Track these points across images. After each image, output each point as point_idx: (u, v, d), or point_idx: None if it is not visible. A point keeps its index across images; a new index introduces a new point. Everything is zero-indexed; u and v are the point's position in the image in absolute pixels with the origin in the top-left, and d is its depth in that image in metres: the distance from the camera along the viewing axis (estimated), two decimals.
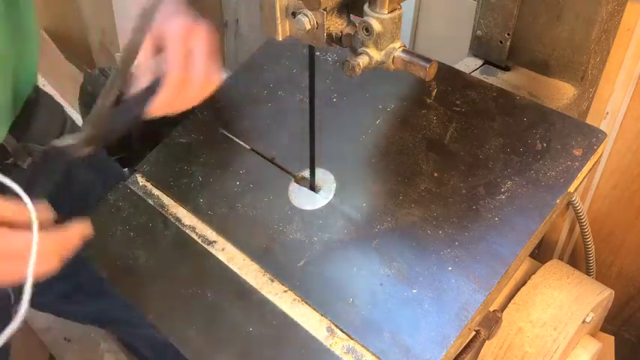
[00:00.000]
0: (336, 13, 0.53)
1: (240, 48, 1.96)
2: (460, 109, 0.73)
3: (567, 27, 0.77)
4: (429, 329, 0.57)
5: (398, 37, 0.53)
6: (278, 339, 0.61)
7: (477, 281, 0.59)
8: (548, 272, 0.76)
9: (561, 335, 0.70)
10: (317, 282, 0.63)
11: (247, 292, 0.65)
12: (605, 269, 1.14)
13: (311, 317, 0.62)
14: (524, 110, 0.70)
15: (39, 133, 0.74)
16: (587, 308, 0.72)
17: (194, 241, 0.70)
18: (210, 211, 0.72)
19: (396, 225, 0.65)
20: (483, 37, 0.86)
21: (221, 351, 0.61)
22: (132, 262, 0.70)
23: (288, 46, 0.86)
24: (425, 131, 0.72)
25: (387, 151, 0.71)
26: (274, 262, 0.66)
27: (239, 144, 0.78)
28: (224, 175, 0.75)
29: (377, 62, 0.54)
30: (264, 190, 0.72)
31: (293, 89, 0.81)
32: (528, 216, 0.62)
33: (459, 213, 0.64)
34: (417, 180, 0.68)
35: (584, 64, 0.79)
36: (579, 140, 0.66)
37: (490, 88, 0.74)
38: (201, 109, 0.83)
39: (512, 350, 0.72)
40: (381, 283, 0.61)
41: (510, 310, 0.73)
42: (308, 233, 0.67)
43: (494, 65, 0.87)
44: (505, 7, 0.81)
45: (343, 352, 0.59)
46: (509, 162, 0.67)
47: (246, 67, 0.86)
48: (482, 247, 0.61)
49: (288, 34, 0.55)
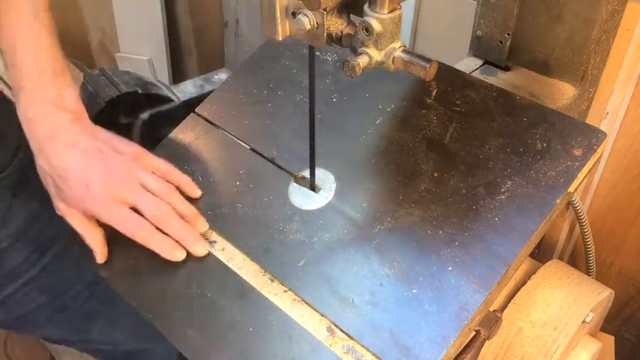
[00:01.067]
0: (336, 13, 0.53)
1: (240, 48, 1.96)
2: (460, 109, 0.73)
3: (567, 27, 0.77)
4: (429, 329, 0.57)
5: (398, 37, 0.53)
6: (278, 339, 0.61)
7: (476, 281, 0.59)
8: (548, 272, 0.76)
9: (561, 335, 0.70)
10: (317, 282, 0.63)
11: (247, 292, 0.65)
12: (605, 269, 1.14)
13: (311, 317, 0.62)
14: (524, 110, 0.70)
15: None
16: (587, 308, 0.72)
17: None
18: (210, 211, 0.72)
19: (396, 225, 0.65)
20: (483, 37, 0.86)
21: (220, 351, 0.61)
22: (132, 262, 0.70)
23: (288, 46, 0.86)
24: (425, 131, 0.72)
25: (387, 151, 0.71)
26: (274, 262, 0.66)
27: (239, 144, 0.78)
28: (224, 175, 0.75)
29: (377, 62, 0.54)
30: (264, 190, 0.72)
31: (293, 89, 0.81)
32: (528, 216, 0.62)
33: (459, 213, 0.64)
34: (417, 180, 0.68)
35: (584, 64, 0.79)
36: (579, 140, 0.66)
37: (490, 88, 0.74)
38: (201, 109, 0.83)
39: (512, 350, 0.72)
40: (381, 283, 0.61)
41: (510, 310, 0.73)
42: (308, 233, 0.67)
43: (494, 65, 0.87)
44: (505, 7, 0.81)
45: (343, 352, 0.59)
46: (509, 162, 0.67)
47: (246, 67, 0.86)
48: (482, 247, 0.61)
49: (288, 34, 0.55)
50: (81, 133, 0.67)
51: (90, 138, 0.67)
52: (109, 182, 0.66)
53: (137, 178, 0.68)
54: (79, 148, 0.66)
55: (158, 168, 0.71)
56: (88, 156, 0.66)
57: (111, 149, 0.68)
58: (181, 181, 0.72)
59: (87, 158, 0.66)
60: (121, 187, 0.66)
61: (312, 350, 0.59)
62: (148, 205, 0.67)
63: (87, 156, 0.66)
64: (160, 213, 0.67)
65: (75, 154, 0.66)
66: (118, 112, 1.02)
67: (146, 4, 1.98)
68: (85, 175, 0.65)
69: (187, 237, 0.68)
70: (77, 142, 0.66)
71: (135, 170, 0.68)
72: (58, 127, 0.66)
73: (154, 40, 2.06)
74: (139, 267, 0.69)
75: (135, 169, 0.68)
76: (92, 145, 0.67)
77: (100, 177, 0.65)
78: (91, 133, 0.68)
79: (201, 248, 0.68)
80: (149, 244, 0.67)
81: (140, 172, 0.68)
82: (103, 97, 1.00)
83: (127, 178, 0.67)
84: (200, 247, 0.68)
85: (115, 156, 0.68)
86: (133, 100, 1.02)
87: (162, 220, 0.67)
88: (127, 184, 0.67)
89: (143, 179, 0.68)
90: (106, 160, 0.67)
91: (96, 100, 1.01)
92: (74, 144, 0.66)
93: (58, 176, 0.65)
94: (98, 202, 0.65)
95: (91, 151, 0.66)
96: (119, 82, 1.03)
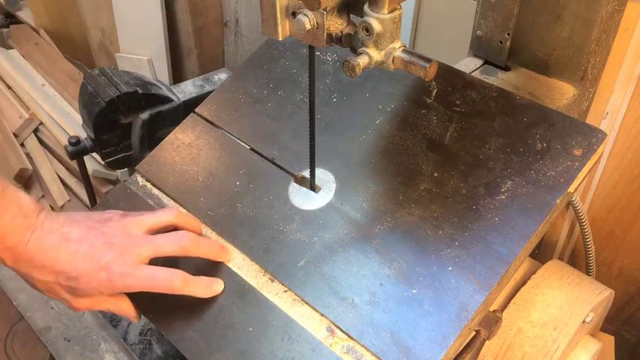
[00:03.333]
0: (336, 13, 0.53)
1: (240, 48, 1.96)
2: (460, 109, 0.73)
3: (567, 27, 0.77)
4: (429, 329, 0.57)
5: (398, 37, 0.53)
6: (278, 339, 0.61)
7: (476, 281, 0.59)
8: (548, 272, 0.76)
9: (561, 335, 0.70)
10: (317, 282, 0.63)
11: (247, 292, 0.65)
12: (605, 269, 1.14)
13: (311, 317, 0.62)
14: (524, 110, 0.70)
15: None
16: (587, 308, 0.72)
17: None
18: (210, 211, 0.72)
19: (396, 225, 0.65)
20: (483, 37, 0.86)
21: (221, 351, 0.61)
22: None
23: (288, 46, 0.86)
24: (425, 131, 0.72)
25: (387, 151, 0.71)
26: (274, 262, 0.66)
27: (239, 144, 0.78)
28: (224, 175, 0.75)
29: (377, 62, 0.54)
30: (264, 190, 0.72)
31: (293, 89, 0.81)
32: (528, 216, 0.62)
33: (459, 213, 0.64)
34: (417, 180, 0.68)
35: (584, 64, 0.79)
36: (579, 140, 0.66)
37: (490, 88, 0.74)
38: (201, 109, 0.83)
39: (512, 350, 0.72)
40: (381, 283, 0.61)
41: (510, 310, 0.73)
42: (308, 233, 0.67)
43: (494, 65, 0.87)
44: (505, 7, 0.81)
45: (343, 352, 0.59)
46: (509, 162, 0.67)
47: (246, 67, 0.86)
48: (482, 247, 0.61)
49: (288, 34, 0.55)
50: (61, 225, 0.62)
51: (72, 223, 0.62)
52: (123, 251, 0.61)
53: (141, 229, 0.64)
54: (72, 240, 0.61)
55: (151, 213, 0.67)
56: (86, 240, 0.61)
57: (98, 223, 0.63)
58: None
59: (86, 243, 0.61)
60: (135, 248, 0.61)
61: (312, 350, 0.59)
62: (168, 243, 0.63)
63: (85, 241, 0.61)
64: (184, 241, 0.63)
65: (72, 246, 0.60)
66: (118, 112, 1.02)
67: (146, 4, 1.98)
68: (96, 260, 0.60)
69: (218, 251, 0.67)
70: (67, 235, 0.61)
71: (134, 223, 0.64)
72: (39, 236, 0.60)
73: (154, 40, 2.06)
74: None
75: (134, 222, 0.64)
76: (81, 229, 0.62)
77: (111, 252, 0.61)
78: (70, 220, 0.63)
79: (229, 255, 0.68)
80: (189, 291, 0.63)
81: (139, 221, 0.64)
82: (103, 97, 1.00)
83: (134, 236, 0.63)
84: (228, 254, 0.68)
85: (107, 225, 0.63)
86: (133, 100, 1.02)
87: (190, 247, 0.64)
88: (139, 242, 0.62)
89: (147, 224, 0.65)
90: (104, 233, 0.62)
91: (96, 100, 1.01)
92: (66, 239, 0.61)
93: (68, 279, 0.60)
94: (124, 276, 0.60)
95: (84, 235, 0.61)
96: (119, 82, 1.03)
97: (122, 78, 1.05)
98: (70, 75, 2.24)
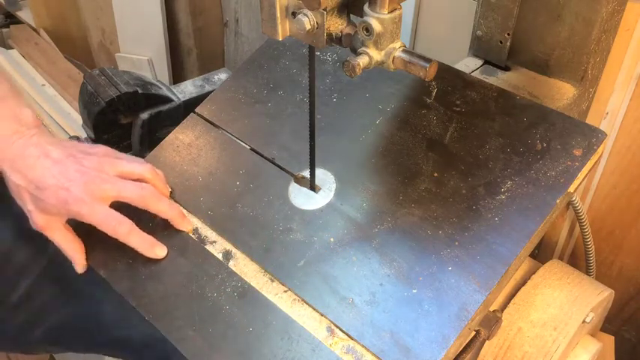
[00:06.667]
0: (336, 13, 0.53)
1: (240, 48, 1.96)
2: (460, 109, 0.73)
3: (567, 27, 0.77)
4: (429, 329, 0.57)
5: (398, 37, 0.53)
6: (278, 339, 0.61)
7: (476, 281, 0.59)
8: (548, 272, 0.76)
9: (561, 335, 0.70)
10: (317, 282, 0.63)
11: (247, 292, 0.65)
12: (605, 269, 1.14)
13: (311, 317, 0.62)
14: (524, 110, 0.70)
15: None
16: (587, 308, 0.72)
17: (194, 241, 0.70)
18: (210, 211, 0.72)
19: (396, 225, 0.65)
20: (483, 37, 0.86)
21: (220, 351, 0.61)
22: (132, 262, 0.70)
23: (288, 46, 0.86)
24: (425, 131, 0.72)
25: (387, 151, 0.71)
26: (274, 262, 0.66)
27: (239, 144, 0.78)
28: (224, 175, 0.75)
29: (377, 62, 0.54)
30: (264, 190, 0.72)
31: (293, 89, 0.81)
32: (528, 216, 0.62)
33: (459, 213, 0.64)
34: (417, 180, 0.68)
35: (584, 64, 0.79)
36: (579, 140, 0.66)
37: (490, 88, 0.74)
38: (201, 109, 0.83)
39: (512, 350, 0.72)
40: (381, 283, 0.61)
41: (510, 310, 0.73)
42: (308, 233, 0.67)
43: (494, 65, 0.87)
44: (505, 7, 0.81)
45: (343, 352, 0.59)
46: (509, 162, 0.67)
47: (246, 67, 0.86)
48: (482, 247, 0.61)
49: (288, 34, 0.55)
50: (49, 144, 0.68)
51: (58, 147, 0.69)
52: (88, 181, 0.66)
53: (114, 170, 0.69)
54: (50, 158, 0.67)
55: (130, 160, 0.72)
56: (62, 163, 0.67)
57: (81, 152, 0.69)
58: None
59: (61, 165, 0.67)
60: (100, 183, 0.67)
61: (312, 350, 0.59)
62: (131, 190, 0.68)
63: (61, 163, 0.67)
64: (146, 192, 0.69)
65: (48, 162, 0.67)
66: (118, 112, 1.02)
67: (146, 4, 1.98)
68: (63, 180, 0.66)
69: (177, 214, 0.71)
70: (48, 153, 0.67)
71: (110, 163, 0.69)
72: (25, 144, 0.67)
73: (154, 40, 2.06)
74: (139, 267, 0.69)
75: (110, 162, 0.69)
76: (63, 153, 0.68)
77: (78, 178, 0.66)
78: (59, 143, 0.70)
79: (189, 224, 0.71)
80: (129, 241, 0.68)
81: (116, 164, 0.70)
82: (103, 97, 1.00)
83: (105, 173, 0.68)
84: (188, 223, 0.71)
85: (87, 157, 0.69)
86: (133, 100, 1.02)
87: (150, 200, 0.69)
88: (106, 179, 0.68)
89: (120, 169, 0.70)
90: (80, 162, 0.68)
91: (96, 100, 1.01)
92: (46, 155, 0.67)
93: (35, 188, 0.66)
94: (80, 202, 0.66)
95: (63, 158, 0.68)
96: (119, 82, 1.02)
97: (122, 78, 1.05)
98: (70, 75, 2.24)
